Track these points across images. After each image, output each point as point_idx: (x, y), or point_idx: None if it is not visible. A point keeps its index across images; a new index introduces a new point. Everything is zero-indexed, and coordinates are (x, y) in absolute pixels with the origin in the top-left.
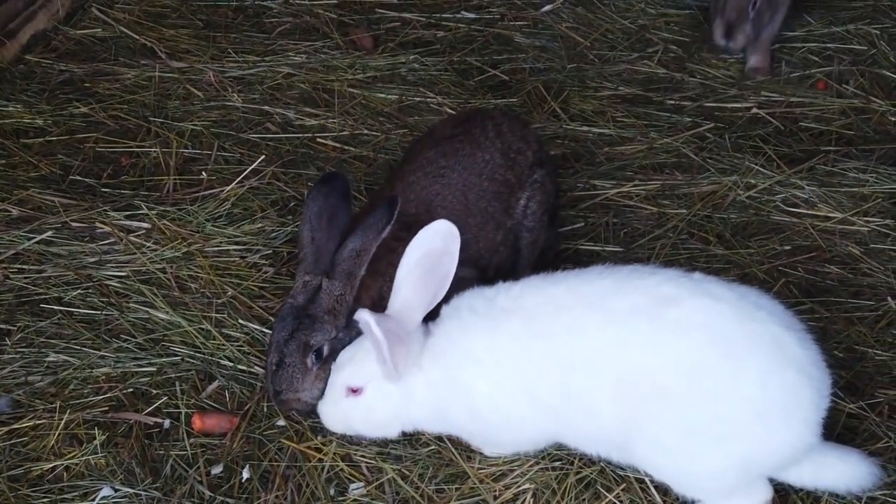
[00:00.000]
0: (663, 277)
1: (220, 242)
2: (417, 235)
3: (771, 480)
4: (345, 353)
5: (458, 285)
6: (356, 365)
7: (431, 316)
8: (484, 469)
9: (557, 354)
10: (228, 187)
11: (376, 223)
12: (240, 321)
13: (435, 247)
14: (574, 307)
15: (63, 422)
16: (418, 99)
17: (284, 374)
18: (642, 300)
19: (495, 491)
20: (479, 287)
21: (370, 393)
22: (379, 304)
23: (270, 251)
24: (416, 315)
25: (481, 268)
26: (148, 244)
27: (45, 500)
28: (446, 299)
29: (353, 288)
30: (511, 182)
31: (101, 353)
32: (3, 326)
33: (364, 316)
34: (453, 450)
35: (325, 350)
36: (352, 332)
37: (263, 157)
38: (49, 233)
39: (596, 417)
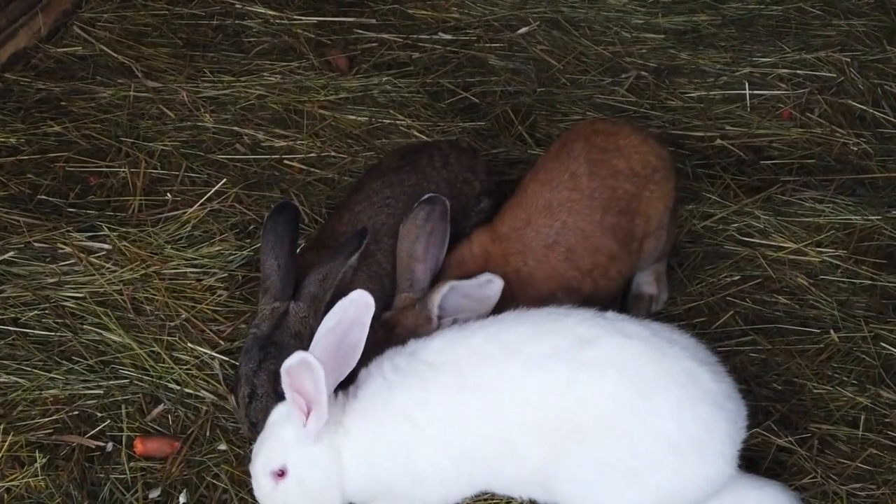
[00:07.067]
0: (578, 318)
1: (178, 265)
2: (336, 305)
3: None
4: (256, 452)
5: None
6: (268, 445)
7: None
8: None
9: (488, 405)
10: (191, 209)
11: (345, 250)
12: (190, 345)
13: (349, 316)
14: (497, 356)
15: (7, 443)
16: (388, 121)
17: (259, 406)
18: (560, 342)
19: None
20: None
21: (294, 468)
22: None
23: (226, 274)
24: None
25: None
26: (108, 265)
27: None
28: None
29: (318, 312)
30: (456, 211)
31: (51, 374)
32: None
33: (300, 356)
34: None
35: None
36: None
37: (225, 179)
38: (11, 253)
39: (523, 462)
